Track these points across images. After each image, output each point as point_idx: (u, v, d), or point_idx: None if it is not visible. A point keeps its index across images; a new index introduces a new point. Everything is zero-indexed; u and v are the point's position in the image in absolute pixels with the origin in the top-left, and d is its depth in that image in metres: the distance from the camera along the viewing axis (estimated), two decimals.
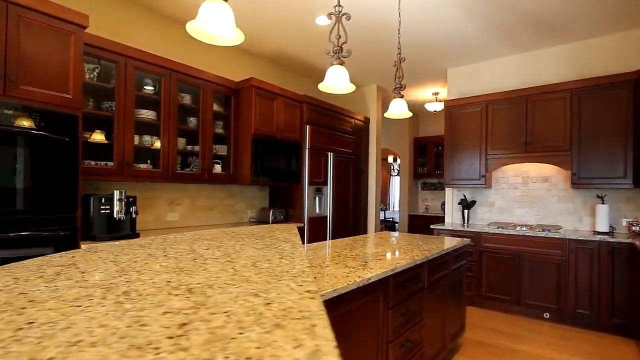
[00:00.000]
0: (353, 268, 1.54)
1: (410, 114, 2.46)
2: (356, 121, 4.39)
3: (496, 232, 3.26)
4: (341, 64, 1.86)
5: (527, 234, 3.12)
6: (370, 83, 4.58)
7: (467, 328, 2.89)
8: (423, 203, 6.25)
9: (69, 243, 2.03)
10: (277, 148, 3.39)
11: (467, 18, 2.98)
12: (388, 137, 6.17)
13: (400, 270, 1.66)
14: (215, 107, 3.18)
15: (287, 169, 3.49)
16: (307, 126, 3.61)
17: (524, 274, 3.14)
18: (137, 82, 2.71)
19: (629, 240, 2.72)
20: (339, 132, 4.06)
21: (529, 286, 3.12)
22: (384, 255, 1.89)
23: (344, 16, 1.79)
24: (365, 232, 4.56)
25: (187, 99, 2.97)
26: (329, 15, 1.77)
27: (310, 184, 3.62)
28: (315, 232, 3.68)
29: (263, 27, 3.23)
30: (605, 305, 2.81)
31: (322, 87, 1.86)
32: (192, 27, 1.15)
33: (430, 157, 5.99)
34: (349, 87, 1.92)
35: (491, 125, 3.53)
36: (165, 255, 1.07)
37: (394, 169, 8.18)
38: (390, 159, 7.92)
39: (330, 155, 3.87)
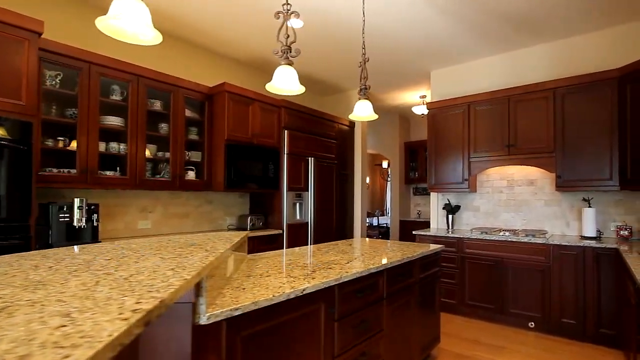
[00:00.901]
0: (294, 278, 1.46)
1: (376, 116, 2.38)
2: (340, 126, 4.32)
3: (478, 237, 3.13)
4: (290, 64, 1.80)
5: (510, 240, 2.99)
6: (355, 87, 4.52)
7: (446, 338, 2.75)
8: (415, 208, 6.11)
9: (21, 252, 1.99)
10: (253, 154, 3.34)
11: (442, 18, 2.91)
12: (379, 142, 6.09)
13: (349, 279, 1.57)
14: (189, 113, 3.15)
15: (264, 175, 3.43)
16: (286, 131, 3.55)
17: (508, 282, 3.00)
18: (104, 89, 2.70)
19: (615, 246, 2.57)
20: (321, 137, 4.00)
21: (513, 294, 2.97)
22: (339, 263, 1.80)
23: (293, 14, 1.74)
24: (351, 237, 4.45)
25: (157, 105, 2.94)
26: (277, 14, 1.72)
27: (289, 190, 3.55)
28: (295, 238, 3.60)
29: (238, 32, 3.20)
30: (591, 314, 2.66)
31: (269, 87, 1.80)
32: (102, 24, 1.10)
33: (421, 162, 5.88)
34: (299, 89, 1.86)
35: (473, 127, 3.43)
36: (44, 266, 0.99)
37: (390, 174, 8.07)
38: (385, 164, 7.83)
39: (311, 160, 3.80)
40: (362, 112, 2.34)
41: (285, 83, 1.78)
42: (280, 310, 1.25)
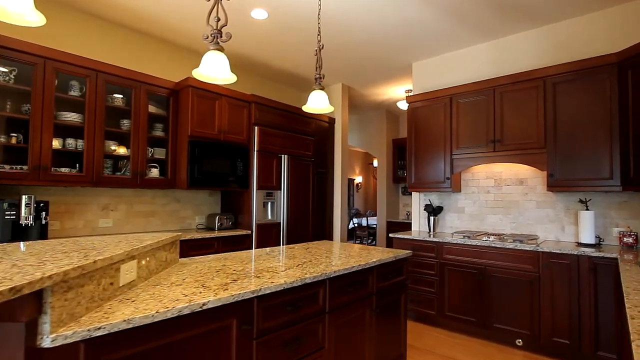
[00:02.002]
0: (207, 289, 1.22)
1: (332, 108, 2.11)
2: (318, 122, 4.05)
3: (459, 242, 2.78)
4: (220, 50, 1.56)
5: (493, 245, 2.62)
6: (335, 82, 4.24)
7: (418, 355, 2.42)
8: (404, 209, 5.72)
9: None
10: (220, 151, 3.13)
11: (422, 3, 2.60)
12: (365, 140, 5.75)
13: (273, 291, 1.31)
14: (154, 109, 2.98)
15: (232, 172, 3.21)
16: (256, 127, 3.32)
17: (492, 292, 2.63)
18: (63, 85, 2.57)
19: (614, 255, 2.17)
20: (297, 134, 3.74)
21: (498, 307, 2.60)
22: (274, 271, 1.54)
23: None
24: (330, 238, 4.16)
25: (118, 100, 2.78)
26: None
27: (259, 188, 3.31)
28: (266, 239, 3.35)
29: (204, 25, 3.01)
30: (587, 334, 2.25)
31: (196, 74, 1.57)
32: None
33: None
34: (230, 77, 1.62)
35: (456, 121, 3.08)
36: None
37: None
38: (375, 162, 7.47)
39: (284, 158, 3.56)
40: (317, 103, 2.07)
41: (214, 70, 1.54)
42: (169, 329, 1.01)
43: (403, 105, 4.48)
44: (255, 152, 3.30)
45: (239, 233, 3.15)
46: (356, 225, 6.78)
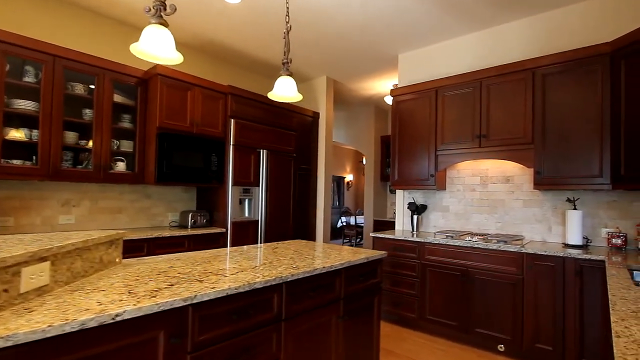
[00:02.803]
0: (133, 295, 1.05)
1: (300, 97, 1.92)
2: (301, 116, 3.86)
3: (441, 242, 2.61)
4: (163, 25, 1.37)
5: (476, 246, 2.45)
6: (319, 75, 4.05)
7: None
8: (392, 207, 5.56)
9: None
10: (192, 144, 2.93)
11: None
12: (353, 136, 5.57)
13: (214, 297, 1.14)
14: (120, 99, 2.77)
15: (206, 167, 3.02)
16: (232, 120, 3.13)
17: (475, 295, 2.47)
18: (17, 70, 2.36)
19: (601, 257, 2.01)
20: (277, 128, 3.55)
21: (480, 311, 2.44)
22: (223, 274, 1.36)
23: None
24: (313, 238, 3.99)
25: (79, 88, 2.58)
26: None
27: (235, 184, 3.12)
28: (243, 238, 3.17)
29: (179, 11, 2.80)
30: (571, 341, 2.10)
31: (133, 50, 1.36)
32: None
33: None
34: (174, 57, 1.42)
35: (441, 115, 2.90)
36: None
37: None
38: (365, 160, 7.31)
39: (263, 153, 3.37)
40: (284, 90, 1.89)
41: (155, 47, 1.35)
42: (70, 346, 0.84)
43: (390, 101, 4.30)
44: (231, 146, 3.11)
45: (213, 231, 2.97)
46: (345, 224, 6.62)
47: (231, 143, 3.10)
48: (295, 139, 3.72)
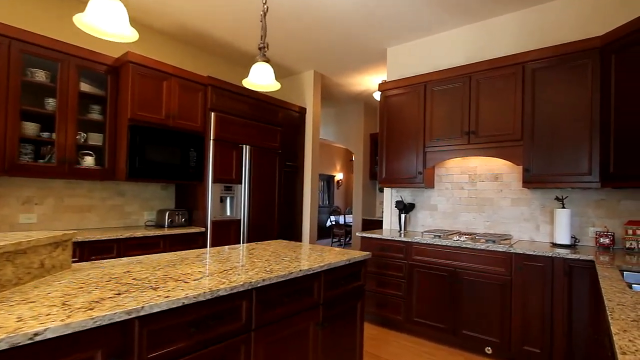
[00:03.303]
0: (66, 308, 0.88)
1: (278, 86, 1.76)
2: (287, 111, 3.69)
3: (428, 242, 2.50)
4: None
5: (464, 246, 2.35)
6: (307, 69, 3.89)
7: None
8: (381, 206, 5.46)
9: None
10: (168, 138, 2.73)
11: None
12: (343, 133, 5.44)
13: (168, 308, 0.98)
14: (89, 89, 2.55)
15: (183, 163, 2.82)
16: (213, 113, 2.94)
17: (462, 297, 2.36)
18: None
19: (591, 257, 1.93)
20: (262, 123, 3.38)
21: (468, 312, 2.34)
22: (187, 279, 1.20)
23: None
24: (299, 238, 3.84)
25: (40, 75, 2.34)
26: None
27: (216, 181, 2.94)
28: (224, 237, 2.99)
29: None
30: (559, 344, 2.02)
31: (76, 20, 1.17)
32: None
33: None
34: (126, 34, 1.24)
35: (430, 111, 2.79)
36: None
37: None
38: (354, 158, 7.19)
39: (246, 148, 3.19)
40: (260, 78, 1.72)
41: (103, 21, 1.17)
42: None
43: (378, 96, 4.18)
44: (211, 141, 2.92)
45: (191, 231, 2.78)
46: (334, 223, 6.48)
47: (211, 138, 2.92)
48: (280, 135, 3.55)
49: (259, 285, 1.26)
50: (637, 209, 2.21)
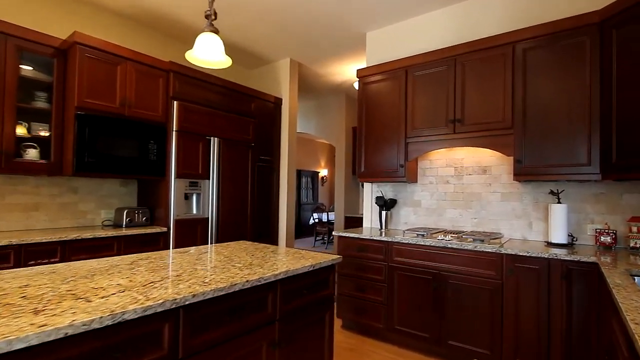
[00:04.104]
0: None
1: (229, 62, 1.46)
2: (261, 101, 3.38)
3: (410, 242, 2.21)
4: None
5: (450, 246, 2.07)
6: (282, 57, 3.58)
7: None
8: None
9: None
10: (124, 129, 2.41)
11: None
12: (325, 127, 5.13)
13: (37, 343, 0.68)
14: (32, 73, 2.22)
15: (142, 156, 2.50)
16: (175, 102, 2.62)
17: (448, 303, 2.08)
18: None
19: (593, 259, 1.66)
20: (233, 113, 3.07)
21: (454, 320, 2.06)
22: (90, 298, 0.90)
23: None
24: (275, 237, 3.53)
25: None
26: None
27: (180, 176, 2.63)
28: (189, 238, 2.68)
29: None
30: (557, 356, 1.74)
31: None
32: None
33: None
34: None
35: (412, 98, 2.50)
36: None
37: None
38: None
39: (214, 141, 2.88)
40: (206, 52, 1.41)
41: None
42: None
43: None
44: (174, 132, 2.60)
45: (151, 231, 2.46)
46: (317, 220, 6.18)
47: (174, 128, 2.60)
48: (254, 127, 3.24)
49: (187, 302, 0.96)
50: None
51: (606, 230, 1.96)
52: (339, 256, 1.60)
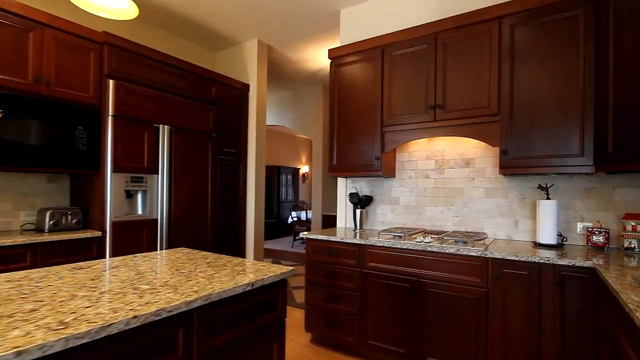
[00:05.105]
0: None
1: (134, 11, 1.05)
2: (225, 87, 2.95)
3: (386, 245, 1.89)
4: None
5: (429, 249, 1.76)
6: (249, 38, 3.15)
7: None
8: None
9: None
10: (39, 111, 1.92)
11: None
12: (301, 120, 4.76)
13: None
14: None
15: (66, 145, 2.03)
16: (111, 82, 2.15)
17: (427, 314, 1.78)
18: None
19: (590, 264, 1.40)
20: (189, 98, 2.63)
21: (434, 334, 1.76)
22: None
23: None
24: (243, 240, 3.13)
25: None
26: None
27: (118, 170, 2.17)
28: (133, 244, 2.23)
29: None
30: None
31: None
32: None
33: None
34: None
35: (389, 81, 2.18)
36: None
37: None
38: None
39: (164, 129, 2.43)
40: None
41: None
42: None
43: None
44: (110, 117, 2.14)
45: (82, 236, 2.00)
46: (295, 219, 5.82)
47: (110, 113, 2.13)
48: (215, 115, 2.81)
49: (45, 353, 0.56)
50: (636, 198, 1.72)
51: (598, 229, 1.72)
52: (291, 268, 1.24)
